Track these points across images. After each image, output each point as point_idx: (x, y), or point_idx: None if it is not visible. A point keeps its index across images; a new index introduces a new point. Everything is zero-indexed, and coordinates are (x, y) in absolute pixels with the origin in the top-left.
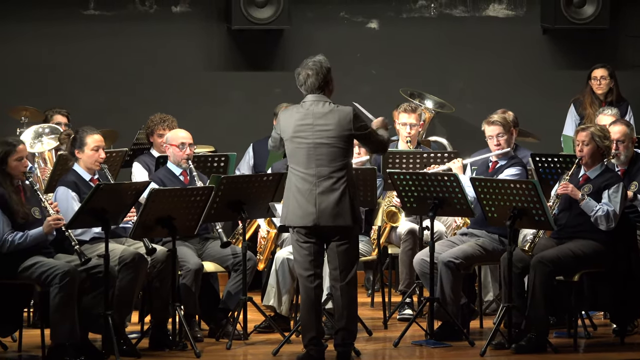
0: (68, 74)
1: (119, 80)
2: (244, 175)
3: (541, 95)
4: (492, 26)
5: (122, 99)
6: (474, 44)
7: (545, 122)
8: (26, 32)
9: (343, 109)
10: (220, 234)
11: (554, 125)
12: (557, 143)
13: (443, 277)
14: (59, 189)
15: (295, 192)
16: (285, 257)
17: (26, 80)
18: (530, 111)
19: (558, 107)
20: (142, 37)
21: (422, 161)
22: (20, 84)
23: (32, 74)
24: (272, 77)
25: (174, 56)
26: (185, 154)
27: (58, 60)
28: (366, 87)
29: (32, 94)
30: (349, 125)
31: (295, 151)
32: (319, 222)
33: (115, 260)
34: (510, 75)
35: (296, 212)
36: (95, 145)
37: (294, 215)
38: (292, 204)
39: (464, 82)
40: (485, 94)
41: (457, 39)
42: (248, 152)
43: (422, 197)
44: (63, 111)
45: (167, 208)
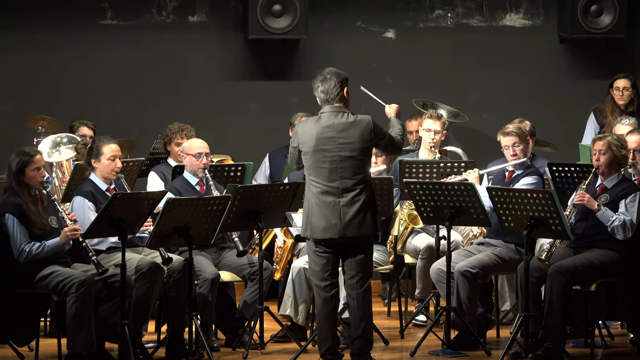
0: (85, 84)
1: (135, 90)
2: (260, 184)
3: (558, 104)
4: (508, 36)
5: (138, 108)
6: (491, 53)
7: (562, 131)
8: (43, 42)
9: (363, 119)
10: (237, 243)
11: (571, 135)
12: (574, 152)
13: (460, 287)
14: (75, 199)
15: (318, 205)
16: (302, 266)
17: (43, 90)
18: (547, 121)
19: (575, 116)
20: (159, 47)
21: (438, 171)
22: (38, 93)
23: (49, 83)
24: (289, 87)
25: (190, 66)
26: (202, 163)
27: (75, 69)
28: (382, 96)
29: (49, 104)
30: (370, 136)
31: (317, 164)
32: (345, 233)
33: (131, 270)
34: (527, 84)
35: (320, 225)
36: (112, 155)
37: (317, 228)
38: (315, 216)
39: (480, 92)
40: (501, 103)
41: (473, 49)
42: (264, 162)
43: (438, 206)
44: (90, 123)
45: (183, 217)
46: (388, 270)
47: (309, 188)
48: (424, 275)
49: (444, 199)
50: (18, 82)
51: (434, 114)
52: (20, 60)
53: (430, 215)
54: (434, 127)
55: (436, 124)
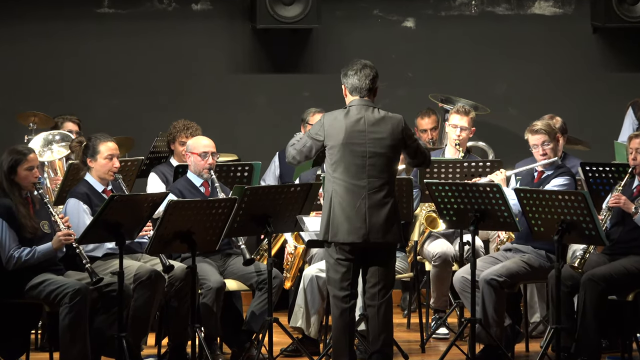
0: (80, 77)
1: (134, 83)
2: (269, 185)
3: (591, 99)
4: (537, 25)
5: (137, 103)
6: (518, 44)
7: (595, 128)
8: (34, 32)
9: (394, 116)
10: (243, 250)
11: (605, 132)
12: (609, 151)
13: (485, 297)
14: (69, 201)
15: (341, 205)
16: (314, 274)
17: (35, 84)
18: (579, 116)
19: (610, 112)
20: (160, 37)
21: (462, 171)
22: (29, 87)
23: (41, 76)
24: (300, 80)
25: (194, 58)
26: (207, 163)
27: (69, 62)
28: (401, 90)
29: (41, 99)
30: (400, 135)
31: (345, 160)
32: (369, 238)
33: (130, 278)
34: (557, 77)
35: (343, 227)
36: (109, 154)
37: (340, 231)
38: (338, 218)
39: (506, 85)
40: (530, 98)
41: (499, 39)
42: (274, 161)
43: (462, 209)
44: (74, 118)
45: (186, 221)
46: (408, 278)
47: (332, 186)
48: (438, 282)
49: (468, 201)
50: (7, 75)
51: (462, 108)
52: (9, 51)
53: (453, 219)
54: (461, 122)
55: (463, 120)
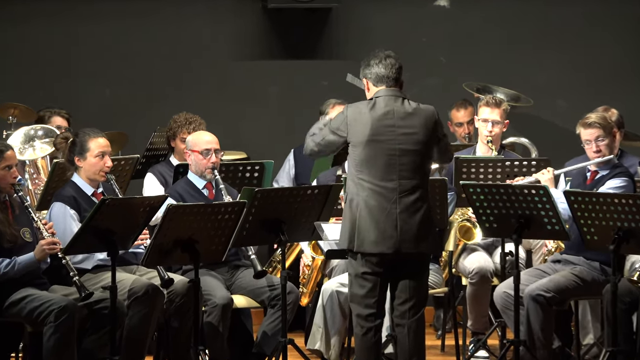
0: (66, 64)
1: (128, 72)
2: (283, 188)
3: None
4: (588, 4)
5: (132, 94)
6: (567, 26)
7: None
8: (14, 13)
9: (426, 107)
10: (254, 261)
11: None
12: None
13: (531, 315)
14: (54, 205)
15: (368, 210)
16: (335, 289)
17: (15, 72)
18: (638, 109)
19: None
20: (158, 19)
21: (503, 170)
22: (8, 76)
23: (21, 63)
24: (318, 67)
25: (197, 42)
26: (210, 162)
27: (55, 47)
28: (432, 79)
29: (22, 89)
30: (433, 128)
31: (372, 159)
32: (401, 248)
33: (123, 294)
34: (612, 64)
35: (370, 236)
36: (100, 151)
37: (367, 240)
38: (364, 225)
39: (552, 73)
40: (580, 88)
41: (545, 21)
42: (288, 160)
43: (504, 215)
44: (63, 112)
45: (188, 229)
46: (442, 294)
47: (357, 189)
48: (475, 302)
49: (511, 205)
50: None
51: (491, 100)
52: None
53: (494, 227)
54: (492, 116)
55: (494, 113)
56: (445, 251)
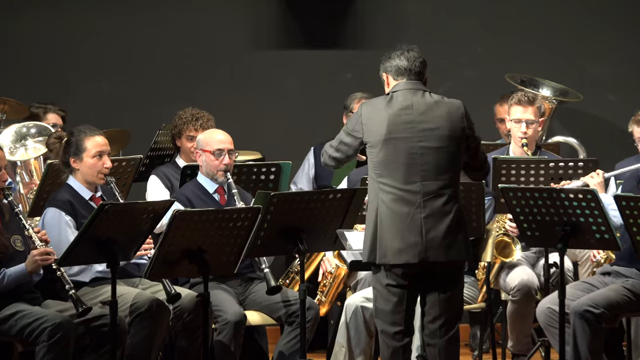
0: (61, 55)
1: (130, 63)
2: (302, 192)
3: None
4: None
5: (134, 88)
6: (621, 13)
7: None
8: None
9: (452, 101)
10: (267, 275)
11: None
12: None
13: (577, 333)
14: (48, 211)
15: (390, 217)
16: (359, 304)
17: (4, 64)
18: None
19: None
20: (163, 6)
21: (547, 173)
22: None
23: (12, 55)
24: (340, 58)
25: (206, 30)
26: (222, 163)
27: (47, 36)
28: (469, 71)
29: (12, 82)
30: (461, 123)
31: (390, 160)
32: (427, 256)
33: (125, 310)
34: None
35: (393, 245)
36: (98, 151)
37: (389, 250)
38: (386, 233)
39: (604, 65)
40: (634, 82)
41: (596, 7)
42: (307, 160)
43: (547, 222)
44: (57, 109)
45: (196, 237)
46: (479, 309)
47: (377, 194)
48: (517, 321)
49: (555, 211)
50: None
51: (523, 97)
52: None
53: (536, 235)
54: (525, 115)
55: (528, 112)
56: (483, 262)
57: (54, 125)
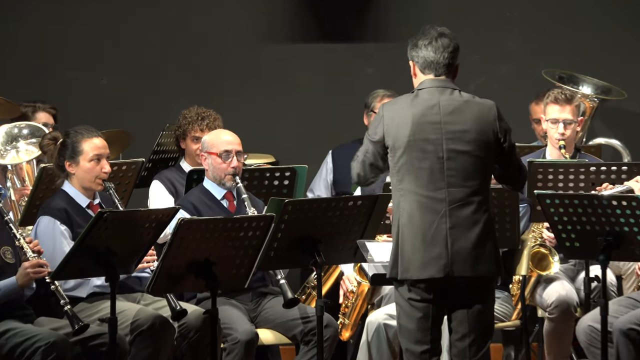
0: (56, 49)
1: (130, 58)
2: (319, 198)
3: None
4: None
5: (135, 85)
6: None
7: None
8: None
9: (483, 101)
10: (284, 287)
11: None
12: None
13: (621, 353)
14: (41, 220)
15: (412, 227)
16: (382, 321)
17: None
18: None
19: None
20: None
21: (587, 177)
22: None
23: (3, 49)
24: (361, 52)
25: (215, 24)
26: (230, 166)
27: (40, 28)
28: (503, 66)
29: (2, 79)
30: (493, 125)
31: (413, 163)
32: (452, 270)
33: (125, 327)
34: None
35: (415, 258)
36: (96, 154)
37: (412, 264)
38: (408, 245)
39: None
40: None
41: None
42: (325, 164)
43: (588, 232)
44: (48, 107)
45: (203, 248)
46: (513, 328)
47: (399, 202)
48: (556, 340)
49: (597, 220)
50: None
51: (561, 95)
52: None
53: (576, 246)
54: (563, 115)
55: (565, 111)
56: (517, 276)
57: (45, 125)
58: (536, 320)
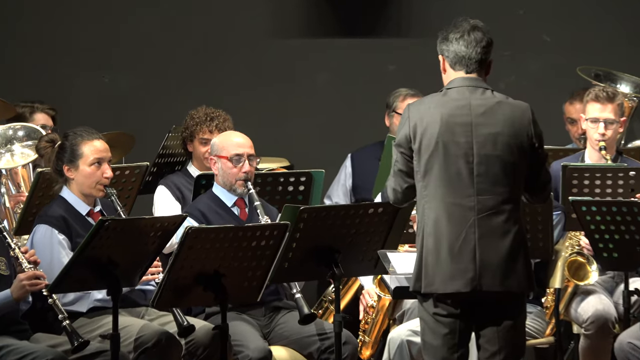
0: (54, 45)
1: (135, 55)
2: (337, 205)
3: None
4: None
5: (140, 84)
6: None
7: None
8: None
9: (517, 103)
10: (300, 302)
11: None
12: None
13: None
14: (37, 229)
15: (437, 237)
16: (405, 338)
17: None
18: None
19: None
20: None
21: (627, 183)
22: None
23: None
24: (382, 48)
25: (225, 18)
26: (241, 171)
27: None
28: (534, 62)
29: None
30: (527, 129)
31: (440, 167)
32: (480, 284)
33: (129, 344)
34: None
35: (440, 271)
36: (96, 158)
37: (437, 277)
38: (433, 256)
39: None
40: None
41: None
42: (344, 169)
43: (627, 242)
44: (46, 107)
45: (212, 259)
46: (546, 345)
47: (423, 210)
48: (592, 359)
49: (637, 229)
50: None
51: (602, 93)
52: None
53: (614, 257)
54: (604, 114)
55: (607, 110)
56: (551, 289)
57: (44, 127)
58: (571, 337)
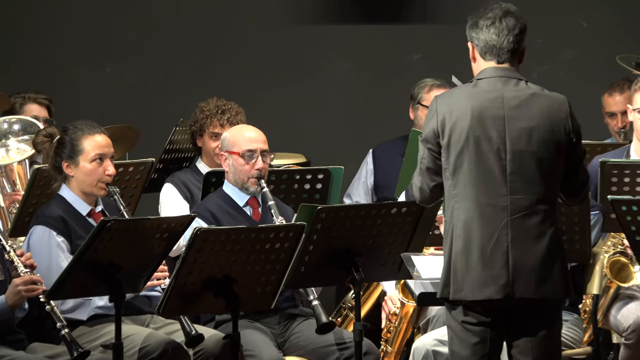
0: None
1: (139, 42)
2: (357, 205)
3: None
4: None
5: (145, 74)
6: None
7: None
8: None
9: (553, 95)
10: (317, 309)
11: None
12: None
13: None
14: (34, 230)
15: (467, 240)
16: (431, 348)
17: None
18: None
19: None
20: None
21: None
22: None
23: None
24: (405, 35)
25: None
26: (254, 168)
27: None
28: (570, 50)
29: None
30: (564, 123)
31: (470, 164)
32: (513, 291)
33: (133, 354)
34: None
35: (470, 276)
36: (98, 154)
37: (466, 282)
38: (462, 261)
39: None
40: None
41: None
42: (365, 165)
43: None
44: (41, 97)
45: (223, 263)
46: (584, 355)
47: (452, 210)
48: None
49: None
50: None
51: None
52: None
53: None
54: None
55: None
56: (589, 295)
57: (37, 119)
58: (610, 347)
